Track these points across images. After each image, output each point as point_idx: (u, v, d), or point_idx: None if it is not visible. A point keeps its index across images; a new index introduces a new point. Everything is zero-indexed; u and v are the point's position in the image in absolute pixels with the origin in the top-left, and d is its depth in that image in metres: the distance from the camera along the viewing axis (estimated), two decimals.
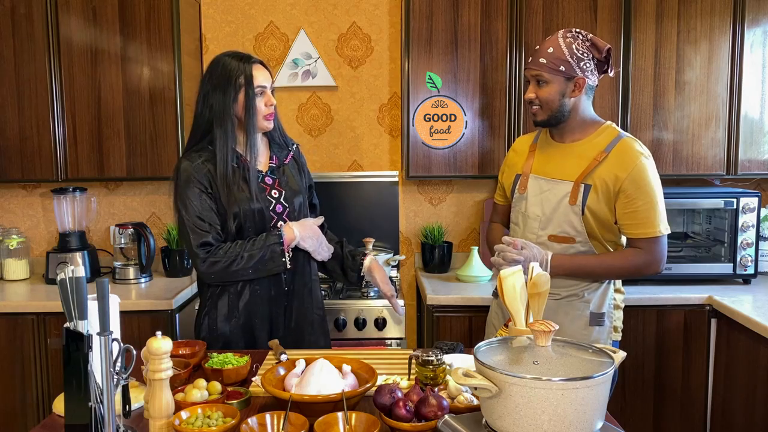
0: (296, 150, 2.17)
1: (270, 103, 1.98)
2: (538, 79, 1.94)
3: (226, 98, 1.93)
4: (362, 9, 3.16)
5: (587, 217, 1.93)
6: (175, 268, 3.04)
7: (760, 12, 2.80)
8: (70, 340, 1.27)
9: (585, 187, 1.92)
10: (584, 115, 1.99)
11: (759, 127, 2.86)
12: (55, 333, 2.64)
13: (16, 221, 3.22)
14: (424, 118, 2.89)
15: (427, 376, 1.56)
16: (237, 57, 1.96)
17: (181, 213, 1.94)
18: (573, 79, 1.91)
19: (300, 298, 2.08)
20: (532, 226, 2.01)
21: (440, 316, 2.68)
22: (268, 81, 1.99)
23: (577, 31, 1.93)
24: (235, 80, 1.93)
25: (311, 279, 2.12)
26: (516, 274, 1.53)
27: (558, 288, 1.98)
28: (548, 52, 1.91)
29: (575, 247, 1.96)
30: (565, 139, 2.02)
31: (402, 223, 3.25)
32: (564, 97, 1.93)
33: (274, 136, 2.11)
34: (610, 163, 1.91)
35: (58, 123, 2.82)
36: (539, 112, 1.98)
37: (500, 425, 1.16)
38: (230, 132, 1.95)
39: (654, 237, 1.91)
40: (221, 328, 2.00)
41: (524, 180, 2.06)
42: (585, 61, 1.91)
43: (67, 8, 2.76)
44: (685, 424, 2.68)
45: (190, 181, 1.93)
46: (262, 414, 1.37)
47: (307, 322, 2.10)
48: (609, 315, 2.01)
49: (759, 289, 2.75)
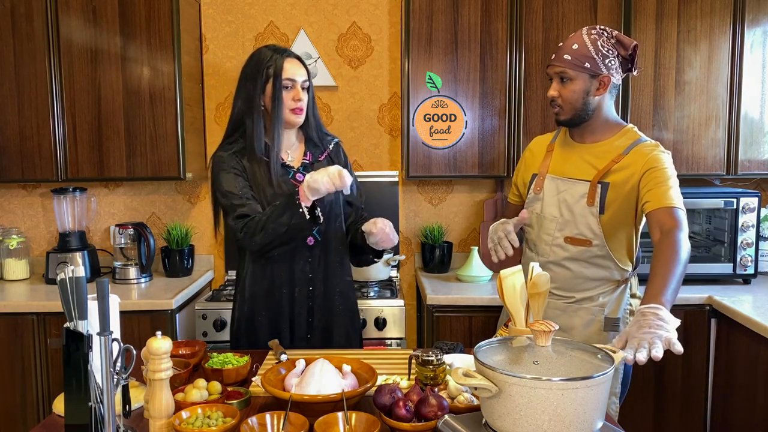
0: (334, 148, 2.12)
1: (297, 98, 1.94)
2: (562, 77, 1.89)
3: (256, 88, 1.93)
4: (362, 9, 3.16)
5: (605, 218, 1.89)
6: (175, 268, 3.04)
7: (760, 12, 2.80)
8: (70, 340, 1.27)
9: (602, 186, 1.89)
10: (607, 116, 1.95)
11: (759, 127, 2.86)
12: (55, 333, 2.64)
13: (16, 221, 3.22)
14: (424, 118, 2.89)
15: (427, 376, 1.56)
16: (273, 49, 1.97)
17: (216, 196, 1.97)
18: (598, 76, 1.87)
19: (329, 300, 2.05)
20: (548, 227, 1.97)
21: (440, 316, 2.68)
22: (301, 76, 1.96)
23: (602, 28, 1.89)
24: (264, 70, 1.92)
25: (343, 281, 2.08)
26: (516, 274, 1.53)
27: (572, 291, 1.96)
28: (573, 49, 1.87)
29: (591, 250, 1.92)
30: (585, 139, 1.98)
31: (402, 223, 3.26)
32: (588, 96, 1.89)
33: (311, 133, 2.07)
34: (627, 164, 1.88)
35: (58, 123, 2.82)
36: (562, 111, 1.93)
37: (500, 425, 1.16)
38: (257, 122, 1.94)
39: (674, 207, 1.76)
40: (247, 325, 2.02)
41: (540, 180, 2.01)
42: (610, 59, 1.87)
43: (67, 8, 2.76)
44: (685, 424, 2.68)
45: (223, 168, 1.95)
46: (262, 414, 1.37)
47: (336, 325, 2.07)
48: (624, 320, 1.97)
49: (759, 289, 2.75)
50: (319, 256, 2.02)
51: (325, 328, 2.06)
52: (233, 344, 2.07)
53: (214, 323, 2.68)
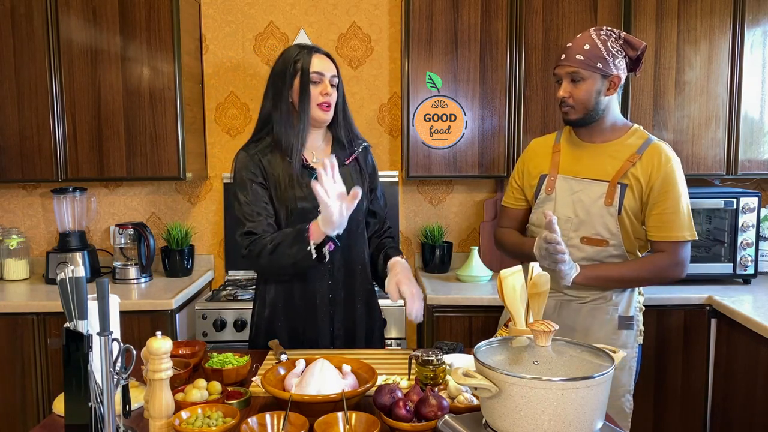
0: (362, 152, 2.04)
1: (326, 92, 1.89)
2: (573, 77, 1.88)
3: (284, 83, 1.90)
4: (362, 9, 3.16)
5: (623, 218, 1.90)
6: (175, 268, 3.04)
7: (760, 12, 2.80)
8: (70, 340, 1.27)
9: (621, 186, 1.89)
10: (615, 115, 1.96)
11: (759, 127, 2.86)
12: (55, 333, 2.64)
13: (16, 221, 3.22)
14: (424, 118, 2.89)
15: (427, 376, 1.56)
16: (301, 46, 1.94)
17: (233, 203, 1.93)
18: (609, 77, 1.88)
19: (350, 308, 2.00)
20: (563, 228, 1.94)
21: (440, 316, 2.68)
22: (329, 71, 1.90)
23: (609, 29, 1.90)
24: (292, 65, 1.89)
25: (365, 289, 2.03)
26: (516, 274, 1.53)
27: (585, 291, 1.96)
28: (585, 49, 1.87)
29: (608, 250, 1.92)
30: (595, 139, 1.97)
31: (402, 223, 3.25)
32: (600, 96, 1.89)
33: (339, 133, 2.00)
34: (644, 164, 1.89)
35: (58, 123, 2.82)
36: (572, 111, 1.92)
37: (500, 425, 1.16)
38: (285, 119, 1.90)
39: (678, 241, 1.89)
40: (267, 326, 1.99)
41: (551, 180, 2.00)
42: (619, 59, 1.88)
43: (67, 8, 2.76)
44: (685, 424, 2.68)
45: (243, 172, 1.91)
46: (262, 414, 1.37)
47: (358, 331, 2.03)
48: (636, 318, 1.99)
49: (759, 289, 2.75)
50: (339, 262, 1.95)
51: (348, 336, 2.00)
52: (251, 347, 2.03)
53: (214, 323, 2.68)
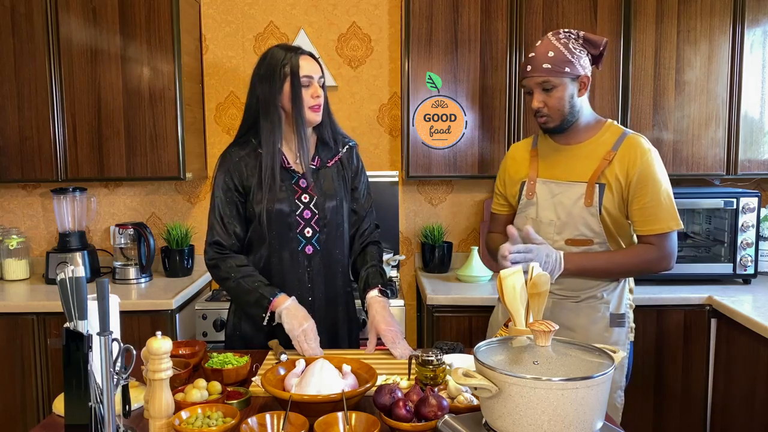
0: (347, 152, 2.04)
1: (316, 95, 1.90)
2: (544, 86, 1.88)
3: (273, 89, 1.89)
4: (362, 9, 3.16)
5: (604, 217, 1.90)
6: (175, 268, 3.04)
7: (760, 12, 2.80)
8: (70, 340, 1.27)
9: (599, 186, 1.90)
10: (587, 114, 1.97)
11: (759, 127, 2.86)
12: (55, 333, 2.64)
13: (16, 221, 3.22)
14: (424, 118, 2.89)
15: (427, 376, 1.56)
16: (285, 48, 1.92)
17: (210, 204, 1.97)
18: (578, 78, 1.88)
19: (332, 310, 2.02)
20: (546, 231, 1.95)
21: (440, 316, 2.68)
22: (317, 73, 1.91)
23: (567, 31, 1.91)
24: (281, 70, 1.88)
25: (345, 291, 2.05)
26: (516, 274, 1.52)
27: (577, 290, 1.97)
28: (549, 56, 1.86)
29: (593, 248, 1.93)
30: (570, 141, 1.98)
31: (402, 223, 3.25)
32: (573, 99, 1.90)
33: (324, 133, 2.00)
34: (620, 160, 1.89)
35: (58, 123, 2.82)
36: (549, 120, 1.92)
37: (500, 425, 1.16)
38: (277, 124, 1.90)
39: (663, 233, 1.89)
40: (245, 328, 2.01)
41: (531, 185, 2.01)
42: (583, 58, 1.89)
43: (67, 8, 2.76)
44: (685, 424, 2.68)
45: (223, 175, 1.94)
46: (262, 414, 1.37)
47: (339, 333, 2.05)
48: (627, 315, 2.00)
49: (759, 289, 2.75)
50: (318, 265, 1.97)
51: (329, 337, 2.01)
52: (227, 346, 2.05)
53: (214, 323, 2.68)
